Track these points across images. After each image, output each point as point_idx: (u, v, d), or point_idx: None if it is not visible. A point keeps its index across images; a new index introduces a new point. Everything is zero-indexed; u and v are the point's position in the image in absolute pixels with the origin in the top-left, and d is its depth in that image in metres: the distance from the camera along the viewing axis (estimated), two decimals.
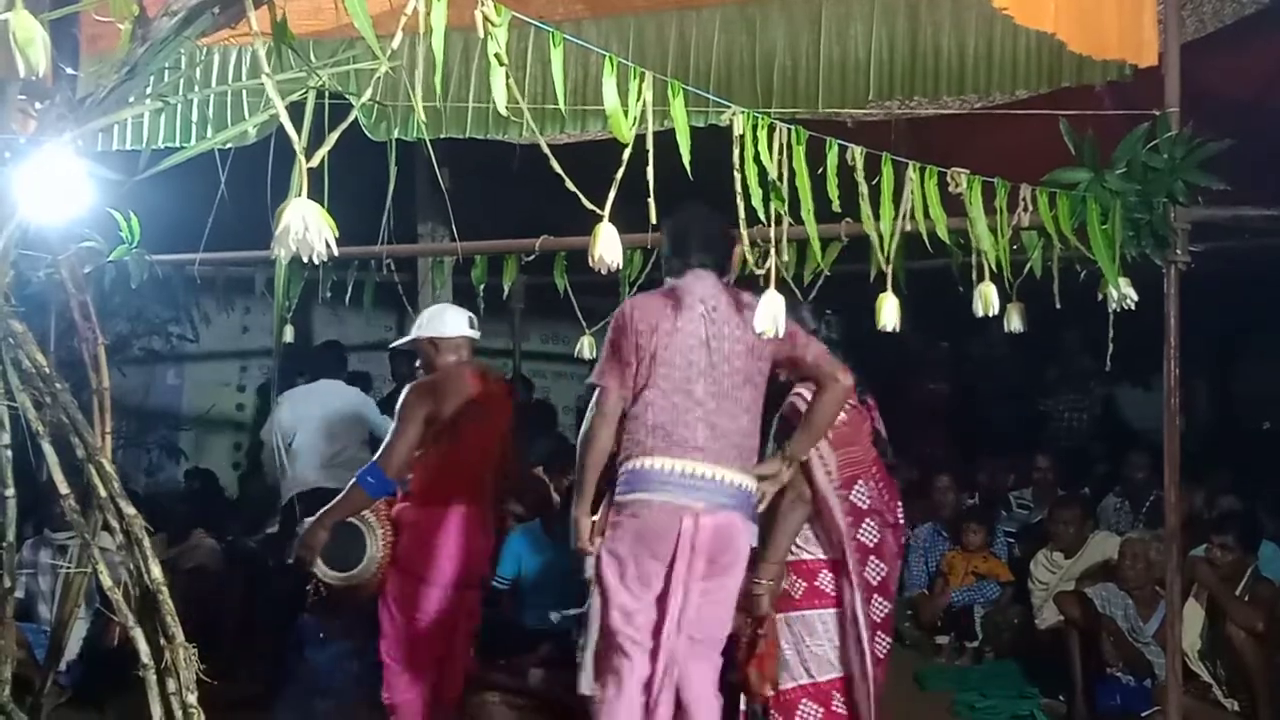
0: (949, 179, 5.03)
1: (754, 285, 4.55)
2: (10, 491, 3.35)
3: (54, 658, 4.23)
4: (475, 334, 5.84)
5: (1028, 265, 5.72)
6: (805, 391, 5.01)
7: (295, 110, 2.81)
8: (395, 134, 5.72)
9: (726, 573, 4.66)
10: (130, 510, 3.51)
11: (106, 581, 3.46)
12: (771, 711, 5.22)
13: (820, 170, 4.42)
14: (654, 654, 4.57)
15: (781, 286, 4.22)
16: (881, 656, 5.28)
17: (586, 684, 4.77)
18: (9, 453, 3.35)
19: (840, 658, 5.21)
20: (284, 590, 7.37)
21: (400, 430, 5.55)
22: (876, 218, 4.74)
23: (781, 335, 4.32)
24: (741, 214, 4.03)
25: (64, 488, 3.44)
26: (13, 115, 3.39)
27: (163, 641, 3.43)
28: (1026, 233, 5.57)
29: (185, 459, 9.65)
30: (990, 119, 5.90)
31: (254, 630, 7.45)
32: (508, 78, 3.21)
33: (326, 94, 3.07)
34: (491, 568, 6.78)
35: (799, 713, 5.21)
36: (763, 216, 4.13)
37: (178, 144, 6.09)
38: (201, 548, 7.96)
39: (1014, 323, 5.89)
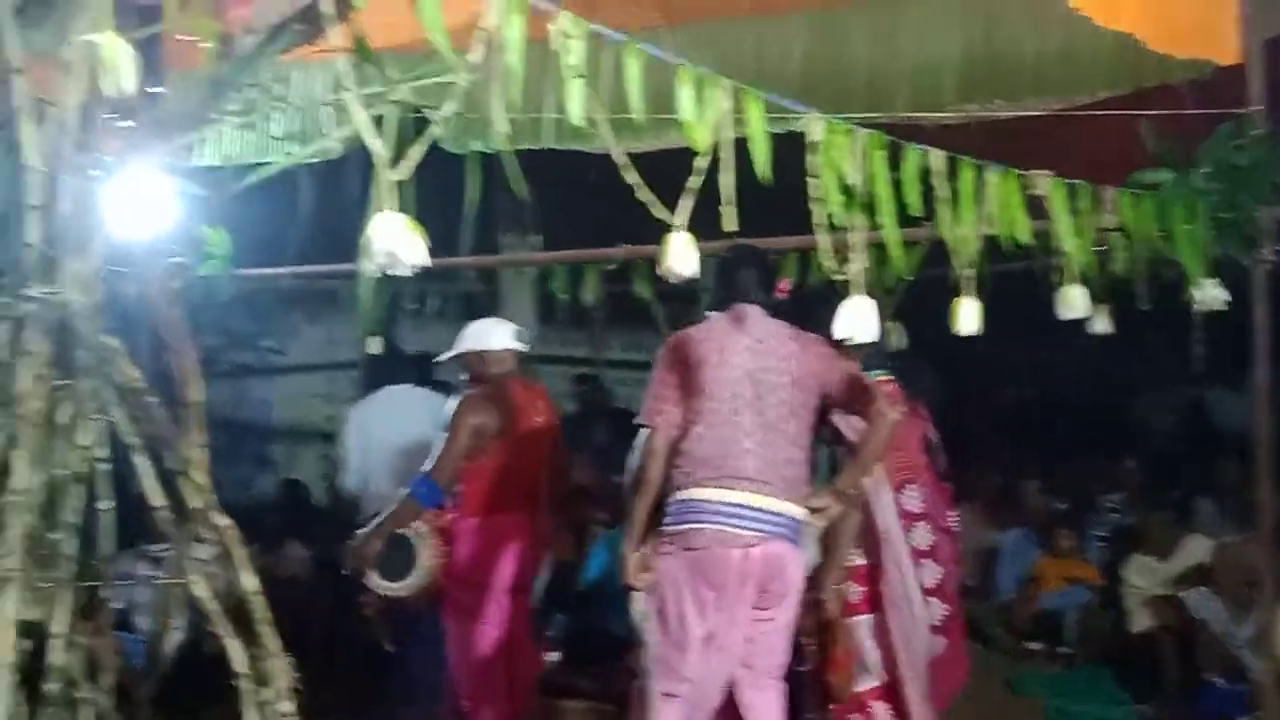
0: (1030, 182, 5.00)
1: (834, 291, 4.56)
2: (107, 505, 3.41)
3: (151, 667, 4.29)
4: (523, 347, 5.92)
5: (1112, 267, 5.66)
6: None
7: (377, 124, 2.86)
8: (475, 146, 5.77)
9: (779, 602, 4.72)
10: (223, 521, 3.57)
11: (201, 592, 3.51)
12: (848, 715, 5.28)
13: (899, 175, 4.41)
14: (705, 688, 4.67)
15: (862, 293, 4.23)
16: (941, 658, 5.35)
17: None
18: (105, 466, 3.41)
19: (881, 665, 5.27)
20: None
21: (451, 442, 5.65)
22: (957, 222, 4.72)
23: (869, 339, 4.35)
24: (820, 220, 4.03)
25: (158, 500, 3.50)
26: (102, 134, 3.45)
27: (256, 651, 3.48)
28: (1111, 234, 5.51)
29: (276, 471, 9.77)
30: (1071, 121, 5.85)
31: (344, 639, 7.51)
32: (585, 89, 3.24)
33: (408, 108, 3.11)
34: (571, 574, 6.82)
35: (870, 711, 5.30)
36: (841, 222, 4.13)
37: (263, 160, 6.17)
38: (293, 558, 8.05)
39: (1100, 325, 5.84)
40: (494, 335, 5.90)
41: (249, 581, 3.54)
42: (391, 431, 7.56)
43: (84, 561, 3.43)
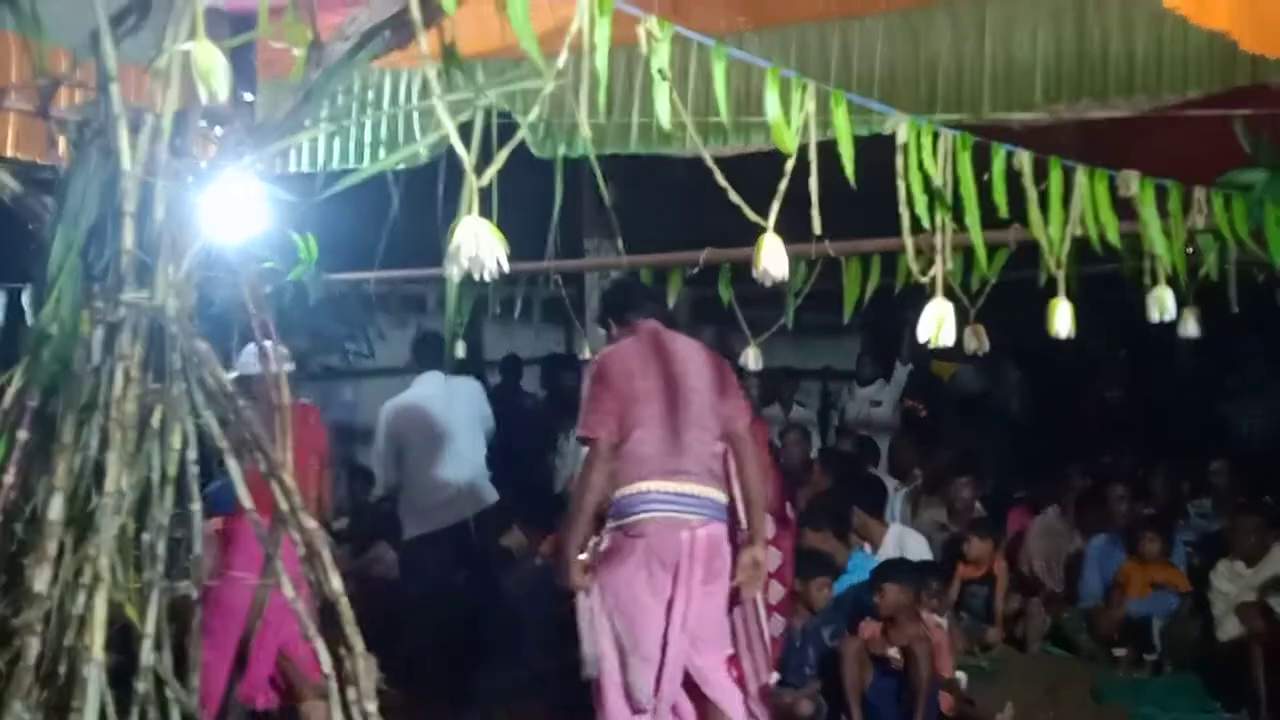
0: (1119, 182, 4.94)
1: (920, 294, 4.54)
2: (198, 506, 3.45)
3: (240, 666, 4.34)
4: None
5: (1203, 269, 5.59)
6: None
7: (464, 130, 2.87)
8: (561, 151, 5.80)
9: (719, 576, 5.32)
10: (311, 523, 3.60)
11: (289, 593, 3.54)
12: None
13: (986, 176, 4.38)
14: (660, 661, 5.19)
15: (947, 295, 4.21)
16: (777, 636, 6.29)
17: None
18: (196, 468, 3.44)
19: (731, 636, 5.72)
20: (463, 598, 7.52)
21: None
22: (1045, 223, 4.67)
23: (949, 343, 4.36)
24: (906, 222, 4.02)
25: (247, 502, 3.54)
26: (194, 141, 3.50)
27: (343, 651, 3.51)
28: (1201, 236, 5.44)
29: (363, 473, 9.84)
30: (1161, 120, 5.77)
31: (434, 641, 7.55)
32: (671, 92, 3.25)
33: (494, 113, 3.12)
34: None
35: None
36: (927, 224, 4.11)
37: (352, 165, 6.23)
38: (383, 560, 8.10)
39: (1189, 328, 5.77)
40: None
41: (336, 583, 3.56)
42: (425, 420, 7.60)
43: (174, 562, 3.47)
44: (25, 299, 6.24)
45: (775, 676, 6.12)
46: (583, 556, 5.30)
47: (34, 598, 3.14)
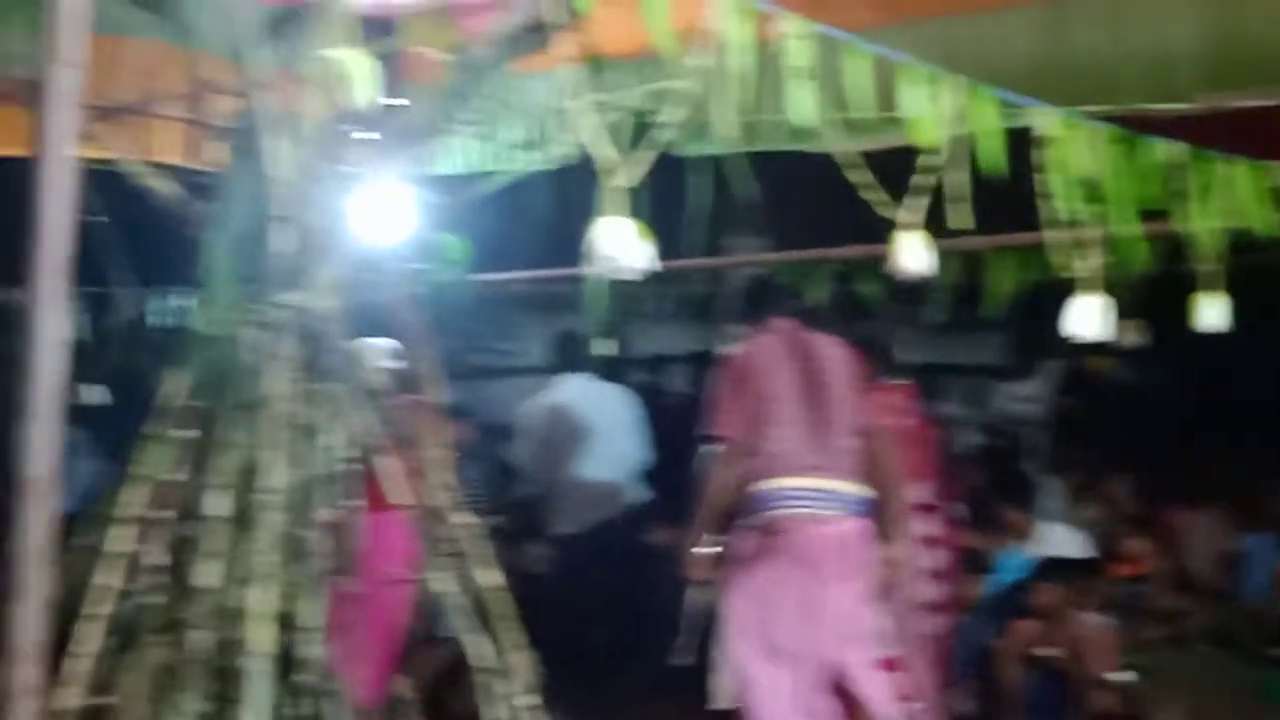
0: (1274, 173, 4.84)
1: (1069, 287, 4.50)
2: (359, 503, 3.53)
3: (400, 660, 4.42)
4: None
5: None
6: None
7: (606, 131, 2.91)
8: (702, 150, 5.81)
9: (860, 573, 5.21)
10: (465, 519, 3.67)
11: (444, 588, 3.61)
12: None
13: (1136, 168, 4.32)
14: (802, 656, 5.12)
15: (1100, 289, 4.16)
16: (940, 635, 6.12)
17: (724, 699, 5.35)
18: (353, 466, 3.52)
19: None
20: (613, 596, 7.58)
21: None
22: (1197, 216, 4.60)
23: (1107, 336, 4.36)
24: (1051, 216, 3.98)
25: (402, 499, 3.61)
26: (345, 146, 3.58)
27: (497, 646, 3.56)
28: None
29: (513, 469, 9.95)
30: None
31: (585, 637, 7.61)
32: (810, 89, 3.26)
33: (635, 113, 3.16)
34: None
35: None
36: (1074, 218, 4.07)
37: (496, 168, 6.31)
38: (537, 555, 8.16)
39: None
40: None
41: (490, 578, 3.63)
42: (569, 420, 7.64)
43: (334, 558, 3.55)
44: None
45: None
46: (706, 550, 5.30)
47: (200, 593, 3.23)
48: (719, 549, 5.30)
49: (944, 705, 6.12)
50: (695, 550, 5.31)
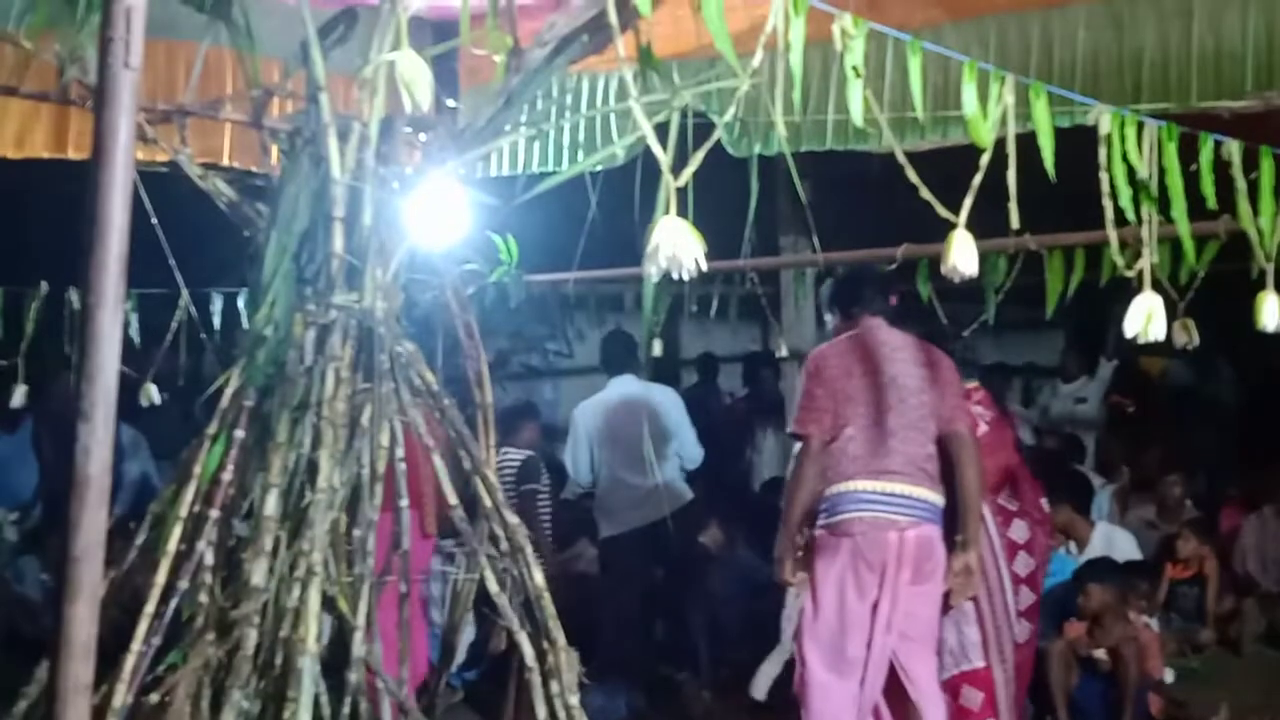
0: None
1: (1126, 288, 4.46)
2: (405, 502, 3.55)
3: (446, 659, 4.43)
4: None
5: None
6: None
7: (661, 131, 2.90)
8: (757, 149, 5.79)
9: (930, 579, 5.19)
10: (513, 519, 3.67)
11: (493, 588, 3.62)
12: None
13: (1193, 167, 4.28)
14: (869, 663, 5.11)
15: (1155, 288, 4.12)
16: (1021, 642, 5.82)
17: (761, 690, 5.72)
18: (403, 465, 3.53)
19: (982, 646, 5.68)
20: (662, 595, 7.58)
21: None
22: (1256, 214, 4.55)
23: (1160, 336, 4.29)
24: (1109, 215, 3.95)
25: (453, 498, 3.62)
26: (400, 148, 3.60)
27: (545, 645, 3.57)
28: None
29: (563, 470, 9.98)
30: None
31: (634, 637, 7.62)
32: (865, 88, 3.24)
33: (690, 113, 3.15)
34: None
35: (962, 695, 5.68)
36: (1132, 217, 4.03)
37: (551, 168, 6.31)
38: (585, 556, 8.19)
39: None
40: None
41: (537, 578, 3.63)
42: (614, 421, 7.64)
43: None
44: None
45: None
46: (794, 552, 5.29)
47: (252, 590, 3.25)
48: (801, 551, 5.29)
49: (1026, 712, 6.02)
50: (784, 551, 5.31)
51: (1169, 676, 7.45)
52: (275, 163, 3.69)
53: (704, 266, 2.78)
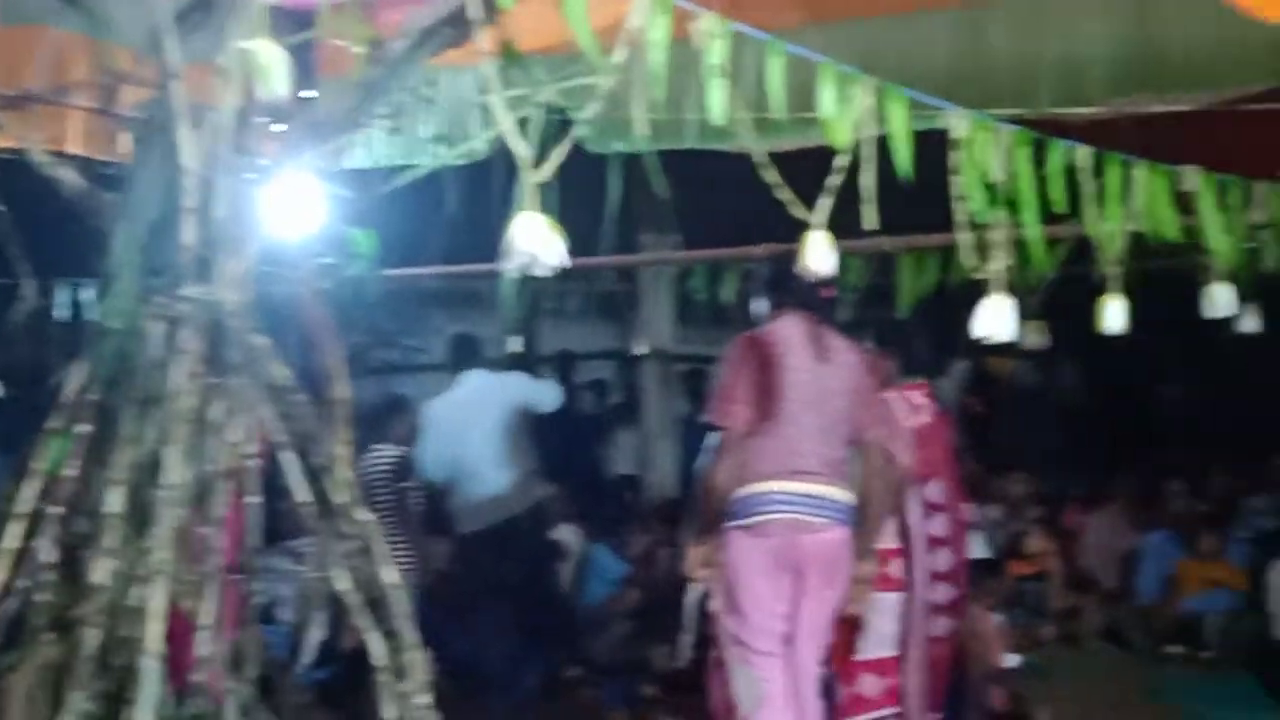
0: (1179, 177, 4.91)
1: (977, 290, 4.53)
2: (257, 499, 3.49)
3: (294, 659, 4.37)
4: None
5: (1263, 264, 5.55)
6: None
7: (522, 126, 2.89)
8: (617, 147, 5.79)
9: (837, 583, 5.08)
10: (365, 517, 3.63)
11: (343, 586, 3.57)
12: (838, 681, 5.57)
13: (1043, 172, 4.36)
14: (786, 662, 5.01)
15: (1005, 291, 4.20)
16: (940, 636, 5.76)
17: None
18: (254, 462, 3.48)
19: (899, 637, 5.62)
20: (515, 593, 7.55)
21: None
22: (1103, 219, 4.65)
23: (1009, 337, 4.36)
24: (963, 218, 4.01)
25: (303, 496, 3.57)
26: (255, 138, 3.53)
27: (396, 644, 3.53)
28: (1261, 230, 5.39)
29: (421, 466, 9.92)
30: (1222, 115, 5.72)
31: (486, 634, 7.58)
32: (727, 88, 3.25)
33: (552, 109, 3.14)
34: None
35: (860, 682, 5.61)
36: (984, 220, 4.10)
37: (410, 162, 6.24)
38: (437, 555, 8.11)
39: (1248, 324, 5.74)
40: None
41: (388, 576, 3.59)
42: (468, 417, 7.59)
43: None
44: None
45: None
46: (704, 549, 5.08)
47: (94, 589, 3.18)
48: (713, 548, 5.08)
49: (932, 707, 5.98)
50: (695, 545, 5.13)
51: (1014, 661, 7.61)
52: (126, 151, 3.61)
53: (563, 263, 2.77)
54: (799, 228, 3.60)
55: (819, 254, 3.49)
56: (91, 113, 3.90)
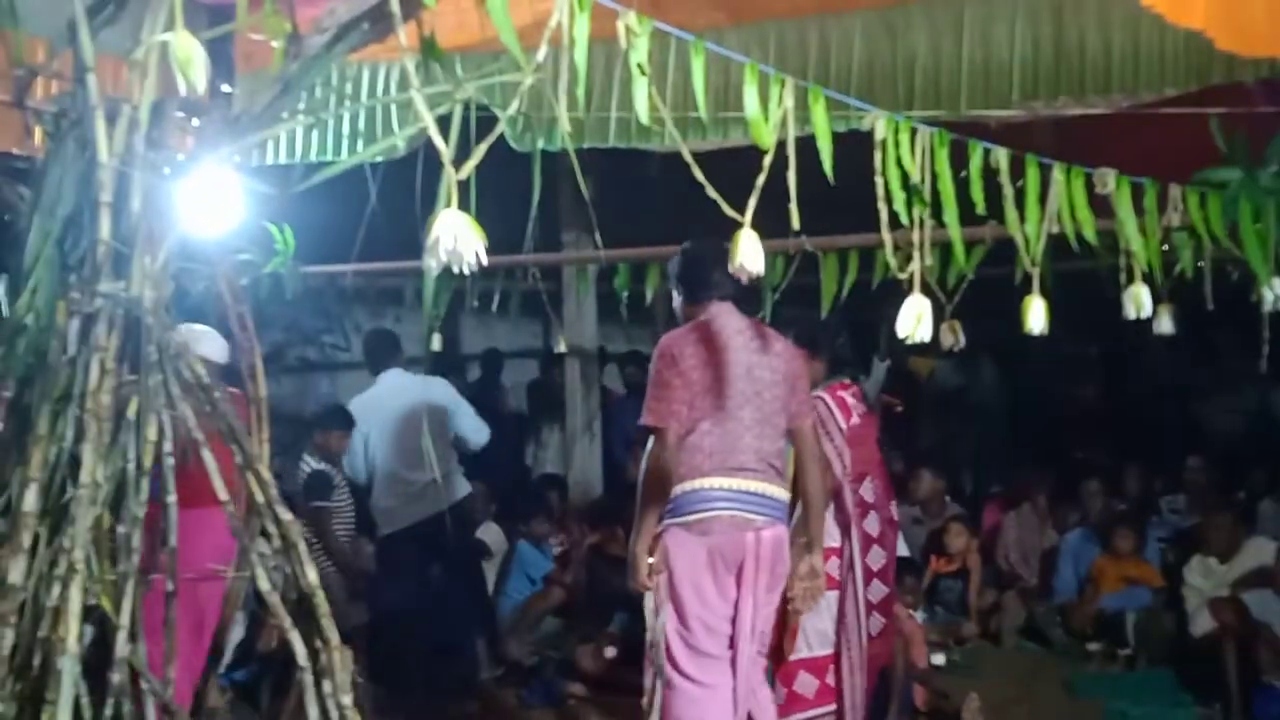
0: (1096, 180, 4.97)
1: (898, 289, 4.56)
2: (173, 499, 3.44)
3: (215, 659, 4.33)
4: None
5: (1178, 266, 5.63)
6: None
7: (443, 123, 2.87)
8: (540, 144, 5.77)
9: (779, 581, 5.10)
10: (287, 516, 3.59)
11: (264, 586, 3.54)
12: (777, 682, 5.66)
13: (964, 173, 4.40)
14: (732, 663, 4.98)
15: (924, 291, 4.23)
16: (875, 635, 5.85)
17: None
18: (171, 460, 3.43)
19: (836, 634, 5.73)
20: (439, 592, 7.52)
21: None
22: (1022, 220, 4.70)
23: (925, 338, 4.40)
24: (884, 218, 4.04)
25: (223, 494, 3.53)
26: (172, 132, 3.49)
27: (318, 644, 3.50)
28: (1177, 233, 5.47)
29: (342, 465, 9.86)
30: (1138, 118, 5.79)
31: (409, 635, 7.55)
32: (649, 87, 3.25)
33: (473, 106, 3.12)
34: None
35: (797, 681, 5.69)
36: (905, 220, 4.13)
37: (329, 158, 6.20)
38: (362, 552, 8.08)
39: (1164, 325, 5.82)
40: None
41: (311, 575, 3.56)
42: (388, 417, 7.53)
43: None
44: None
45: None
46: (651, 559, 5.01)
47: (8, 589, 3.13)
48: (656, 552, 5.03)
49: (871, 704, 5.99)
50: (640, 554, 5.02)
51: (939, 660, 7.68)
52: (39, 145, 3.55)
53: (485, 261, 2.76)
54: (722, 227, 3.60)
55: (751, 252, 3.49)
56: (4, 106, 3.83)
